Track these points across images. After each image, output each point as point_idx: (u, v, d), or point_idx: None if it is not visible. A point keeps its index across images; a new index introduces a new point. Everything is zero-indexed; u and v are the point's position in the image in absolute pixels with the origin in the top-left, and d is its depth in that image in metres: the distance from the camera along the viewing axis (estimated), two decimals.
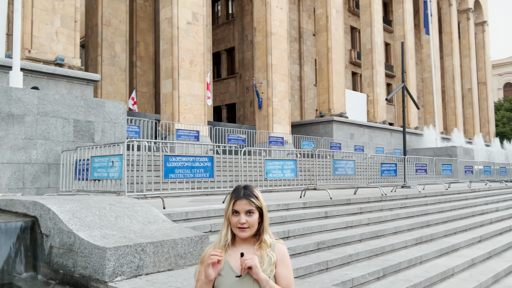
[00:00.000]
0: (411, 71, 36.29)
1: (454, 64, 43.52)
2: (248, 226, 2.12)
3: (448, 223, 9.79)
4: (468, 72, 46.17)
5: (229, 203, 2.19)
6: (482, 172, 17.38)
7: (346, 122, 27.15)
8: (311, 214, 7.79)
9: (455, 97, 42.69)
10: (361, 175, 11.08)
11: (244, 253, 2.12)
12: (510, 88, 65.48)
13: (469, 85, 45.93)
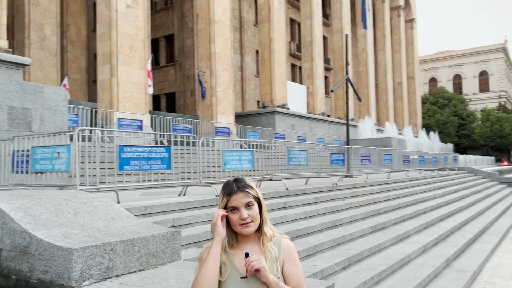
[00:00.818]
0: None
1: (386, 58, 45.63)
2: (252, 220, 1.91)
3: (396, 211, 10.17)
4: (398, 67, 48.66)
5: (222, 201, 1.96)
6: (417, 161, 18.40)
7: (288, 114, 27.44)
8: (271, 205, 7.66)
9: (387, 91, 44.87)
10: (312, 165, 11.17)
11: (249, 253, 1.89)
12: (434, 83, 70.21)
13: (400, 79, 48.46)
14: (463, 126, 55.85)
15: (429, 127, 51.69)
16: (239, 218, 1.90)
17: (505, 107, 61.09)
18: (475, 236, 9.84)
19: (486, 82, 67.11)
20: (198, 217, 6.24)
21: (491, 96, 64.94)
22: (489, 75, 66.71)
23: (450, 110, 55.59)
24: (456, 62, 69.35)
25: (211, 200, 7.08)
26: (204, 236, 5.68)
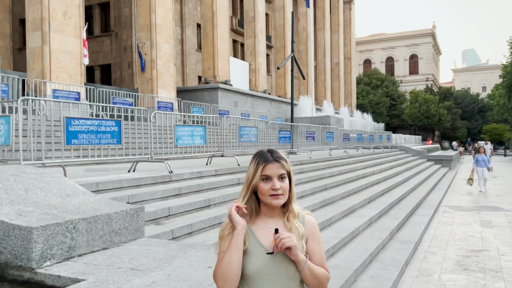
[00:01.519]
0: (288, 42, 37.66)
1: (325, 38, 46.56)
2: (282, 192, 1.82)
3: (341, 186, 10.55)
4: (336, 47, 49.91)
5: (255, 168, 1.84)
6: (355, 139, 19.18)
7: (230, 90, 27.22)
8: (226, 182, 7.61)
9: (325, 70, 45.97)
10: (262, 142, 11.21)
11: (278, 229, 1.82)
12: (369, 64, 73.12)
13: (337, 59, 49.80)
14: (394, 106, 58.96)
15: (363, 107, 53.95)
16: (270, 188, 1.81)
17: (431, 90, 65.22)
18: (412, 209, 10.49)
19: (415, 65, 71.12)
20: (153, 194, 6.03)
21: (420, 79, 69.05)
22: (419, 58, 70.73)
23: (383, 91, 58.31)
24: (389, 45, 72.58)
25: (164, 177, 6.88)
26: (162, 213, 5.51)
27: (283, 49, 37.31)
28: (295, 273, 1.82)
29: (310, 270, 1.82)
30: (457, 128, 62.49)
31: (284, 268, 1.80)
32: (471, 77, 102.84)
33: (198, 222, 5.50)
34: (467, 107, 67.97)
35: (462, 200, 13.66)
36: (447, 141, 66.62)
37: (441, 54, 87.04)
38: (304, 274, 1.82)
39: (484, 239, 8.26)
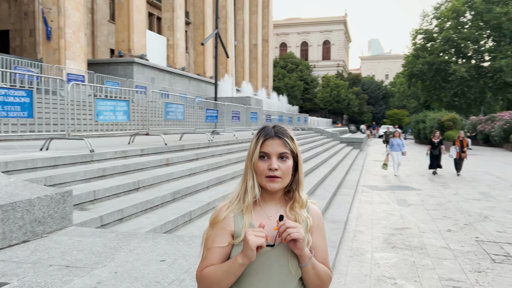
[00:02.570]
0: (208, 19, 36.78)
1: (244, 18, 46.25)
2: (280, 175, 1.51)
3: None
4: (255, 28, 49.91)
5: (255, 144, 1.54)
6: (277, 121, 19.34)
7: (147, 65, 25.85)
8: (154, 162, 7.04)
9: (244, 51, 45.81)
10: (189, 121, 10.66)
11: (283, 216, 1.49)
12: (285, 48, 74.52)
13: (255, 41, 49.89)
14: (307, 90, 61.03)
15: (279, 89, 55.00)
16: (267, 167, 1.50)
17: (342, 75, 68.58)
18: (336, 189, 10.78)
19: (328, 51, 74.06)
20: (74, 175, 5.32)
21: (332, 64, 72.15)
22: (331, 44, 73.70)
23: (297, 75, 59.95)
24: (304, 30, 74.54)
25: (85, 156, 6.13)
26: (87, 197, 4.86)
27: (202, 26, 36.32)
28: (297, 270, 1.53)
29: (314, 268, 1.55)
30: (363, 113, 66.69)
31: (285, 263, 1.52)
32: (376, 65, 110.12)
33: (130, 207, 4.95)
34: (372, 93, 72.76)
35: (376, 180, 14.44)
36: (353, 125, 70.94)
37: (351, 41, 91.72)
38: (307, 271, 1.54)
39: (404, 217, 8.72)
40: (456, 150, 15.48)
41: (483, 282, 5.03)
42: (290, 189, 1.60)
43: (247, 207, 1.53)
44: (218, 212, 1.55)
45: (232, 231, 1.51)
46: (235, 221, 1.52)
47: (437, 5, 53.15)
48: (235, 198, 1.57)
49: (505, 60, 46.07)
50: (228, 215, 1.53)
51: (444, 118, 32.34)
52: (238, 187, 1.61)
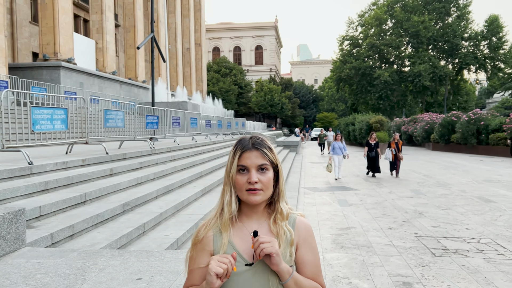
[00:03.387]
0: (139, 22, 35.81)
1: (176, 22, 45.58)
2: (261, 187, 1.46)
3: (214, 173, 10.40)
4: (187, 32, 49.38)
5: (233, 158, 1.50)
6: (216, 126, 19.25)
7: (75, 70, 24.56)
8: (97, 173, 6.70)
9: (177, 55, 45.12)
10: (129, 128, 10.27)
11: (258, 231, 1.45)
12: (218, 52, 74.50)
13: (188, 44, 49.36)
14: (242, 94, 61.52)
15: (214, 93, 54.87)
16: (246, 181, 1.45)
17: (274, 80, 70.01)
18: None
19: (260, 56, 75.22)
20: (15, 191, 4.90)
21: (264, 69, 73.38)
22: (263, 50, 74.97)
23: (231, 79, 60.22)
24: (237, 35, 75.11)
25: (24, 169, 5.69)
26: (32, 213, 4.51)
27: (133, 29, 35.25)
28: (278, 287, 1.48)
29: (297, 284, 1.49)
30: (296, 116, 68.56)
31: (265, 281, 1.47)
32: (305, 70, 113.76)
33: (80, 222, 4.66)
34: (303, 97, 75.07)
35: (316, 181, 14.90)
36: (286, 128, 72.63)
37: (282, 47, 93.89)
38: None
39: (347, 217, 9.08)
40: (393, 152, 15.57)
41: (428, 276, 5.37)
42: (272, 201, 1.55)
43: (225, 225, 1.47)
44: (197, 232, 1.52)
45: (211, 250, 1.47)
46: (214, 240, 1.47)
47: (361, 13, 56.19)
48: (214, 216, 1.52)
49: (423, 65, 49.75)
50: (206, 234, 1.48)
51: (372, 120, 34.17)
52: (217, 204, 1.55)
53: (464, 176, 16.10)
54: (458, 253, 6.28)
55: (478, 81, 59.29)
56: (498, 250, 6.37)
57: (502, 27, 50.90)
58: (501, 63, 53.06)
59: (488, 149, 27.53)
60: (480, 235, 7.33)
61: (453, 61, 53.58)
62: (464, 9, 52.25)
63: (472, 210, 9.50)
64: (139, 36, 35.13)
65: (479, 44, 52.34)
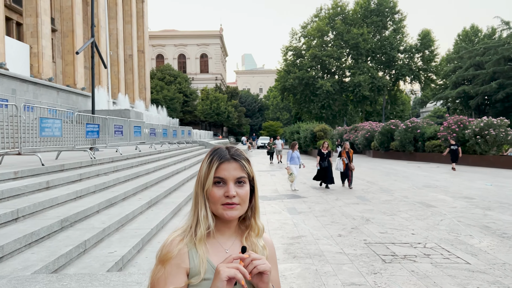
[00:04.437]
0: (78, 27, 34.31)
1: (118, 28, 44.21)
2: (239, 202, 1.36)
3: (160, 184, 9.99)
4: (129, 38, 48.04)
5: (208, 169, 1.36)
6: (161, 134, 18.69)
7: (6, 75, 22.96)
8: (32, 186, 6.13)
9: (119, 62, 43.71)
10: (67, 137, 9.59)
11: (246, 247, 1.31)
12: (162, 59, 73.08)
13: (130, 51, 48.01)
14: (187, 103, 60.71)
15: (157, 101, 53.70)
16: (223, 194, 1.33)
17: (220, 88, 69.85)
18: None
19: (206, 64, 74.78)
20: None
21: (210, 77, 72.99)
22: (209, 58, 74.62)
23: (176, 87, 59.29)
24: (181, 42, 74.19)
25: None
26: None
27: (72, 34, 33.70)
28: None
29: None
30: (242, 125, 68.71)
31: None
32: (251, 79, 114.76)
33: (11, 242, 4.17)
34: (249, 106, 75.51)
35: (264, 190, 14.82)
36: (232, 136, 72.56)
37: (227, 55, 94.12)
38: None
39: (297, 225, 9.04)
40: (344, 161, 14.93)
41: (381, 283, 5.38)
42: (246, 217, 1.45)
43: (200, 240, 1.34)
44: (169, 247, 1.33)
45: (187, 268, 1.31)
46: (190, 257, 1.31)
47: (304, 25, 57.69)
48: (188, 230, 1.37)
49: (362, 76, 51.83)
50: (182, 249, 1.31)
51: (316, 128, 34.94)
52: (189, 217, 1.41)
53: (404, 182, 16.76)
54: (406, 258, 6.39)
55: (413, 91, 62.74)
56: (443, 254, 6.56)
57: (434, 41, 54.34)
58: (433, 75, 56.58)
59: (424, 156, 29.03)
60: (425, 239, 7.54)
61: (390, 72, 56.34)
62: (399, 23, 55.22)
63: (416, 215, 9.82)
64: (78, 41, 33.63)
65: (413, 57, 55.48)
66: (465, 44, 62.00)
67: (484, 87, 52.57)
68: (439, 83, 60.75)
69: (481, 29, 64.88)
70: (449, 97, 58.45)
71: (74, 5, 33.26)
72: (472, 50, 57.15)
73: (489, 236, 7.77)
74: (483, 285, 5.19)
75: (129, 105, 37.40)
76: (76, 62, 33.42)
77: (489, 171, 21.84)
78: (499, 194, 13.16)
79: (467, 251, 6.73)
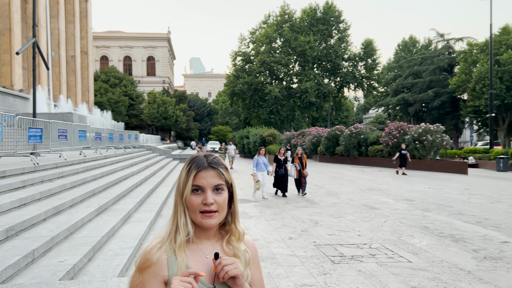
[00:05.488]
0: (16, 25, 32.53)
1: (60, 28, 42.37)
2: (217, 209, 1.39)
3: (108, 190, 9.74)
4: (72, 39, 46.19)
5: (187, 177, 1.40)
6: (107, 139, 18.12)
7: None
8: None
9: (60, 63, 41.86)
10: (7, 142, 9.09)
11: (219, 253, 1.39)
12: (106, 61, 70.77)
13: (73, 52, 46.15)
14: (133, 106, 59.21)
15: (102, 105, 51.96)
16: (201, 202, 1.36)
17: (168, 92, 68.78)
18: None
19: (153, 67, 73.34)
20: None
21: (157, 81, 71.66)
22: (156, 61, 73.25)
23: (121, 90, 57.66)
24: (127, 44, 72.32)
25: None
26: None
27: (9, 33, 31.88)
28: None
29: None
30: (191, 129, 68.04)
31: None
32: (199, 83, 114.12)
33: None
34: (198, 110, 74.98)
35: None
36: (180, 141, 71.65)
37: (175, 59, 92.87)
38: None
39: (249, 229, 9.15)
40: (297, 168, 14.21)
41: (331, 283, 5.61)
42: (226, 222, 1.49)
43: (180, 247, 1.36)
44: (148, 255, 1.35)
45: (165, 276, 1.33)
46: (169, 264, 1.33)
47: (253, 30, 58.32)
48: (167, 237, 1.39)
49: (309, 82, 53.20)
50: (160, 257, 1.33)
51: (265, 133, 35.39)
52: (168, 225, 1.44)
53: (350, 185, 17.42)
54: (354, 259, 6.69)
55: (356, 98, 65.28)
56: (387, 254, 6.94)
57: (376, 50, 56.92)
58: (375, 83, 59.21)
59: (368, 160, 30.30)
60: (370, 240, 7.93)
61: (335, 79, 58.29)
62: (344, 32, 57.33)
63: (361, 217, 10.27)
64: (15, 40, 31.86)
65: (357, 65, 57.77)
66: (404, 54, 65.56)
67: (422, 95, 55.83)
68: (380, 90, 63.71)
69: (418, 40, 68.93)
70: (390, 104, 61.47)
71: (12, 2, 31.52)
72: (410, 60, 60.55)
73: (428, 235, 8.30)
74: (424, 281, 5.57)
75: (71, 108, 35.92)
76: (14, 62, 31.64)
77: (427, 174, 23.23)
78: (436, 196, 14.05)
79: (409, 250, 7.15)
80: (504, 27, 49.57)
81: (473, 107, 48.05)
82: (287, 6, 57.21)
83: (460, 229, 8.94)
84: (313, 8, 56.73)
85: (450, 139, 27.25)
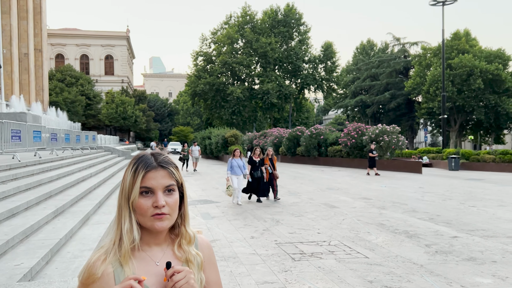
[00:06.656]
0: None
1: (12, 24, 40.62)
2: (168, 211, 1.29)
3: (65, 192, 9.49)
4: (25, 36, 44.38)
5: (133, 178, 1.29)
6: (63, 139, 17.56)
7: None
8: None
9: (12, 61, 40.13)
10: None
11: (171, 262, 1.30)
12: (62, 60, 68.33)
13: (26, 50, 44.35)
14: (90, 106, 57.52)
15: (57, 104, 50.17)
16: (152, 205, 1.27)
17: (127, 92, 67.28)
18: None
19: (111, 66, 71.53)
20: None
21: (116, 80, 69.95)
22: (114, 60, 71.49)
23: (78, 89, 55.90)
24: (84, 42, 70.18)
25: None
26: None
27: None
28: None
29: None
30: (151, 130, 66.90)
31: None
32: (159, 82, 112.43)
33: None
34: (158, 110, 73.85)
35: None
36: (140, 142, 70.34)
37: (134, 58, 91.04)
38: None
39: (211, 229, 9.18)
40: (268, 170, 13.28)
41: (291, 280, 5.75)
42: (175, 225, 1.38)
43: (125, 256, 1.24)
44: (91, 269, 1.22)
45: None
46: (115, 277, 1.22)
47: (214, 31, 58.15)
48: (111, 247, 1.27)
49: (271, 84, 53.68)
50: (106, 270, 1.22)
51: (227, 134, 35.40)
52: (111, 232, 1.31)
53: (310, 185, 17.77)
54: (313, 256, 6.88)
55: (316, 99, 66.48)
56: (345, 251, 7.18)
57: (335, 53, 58.22)
58: (334, 85, 60.54)
59: (327, 160, 30.98)
60: (329, 238, 8.17)
61: (296, 81, 59.13)
62: (304, 34, 58.26)
63: (321, 216, 10.54)
64: None
65: (317, 67, 58.86)
66: (362, 57, 67.48)
67: (379, 97, 57.72)
68: (340, 92, 65.29)
69: (376, 43, 71.13)
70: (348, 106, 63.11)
71: None
72: (368, 63, 62.44)
73: (384, 232, 8.64)
74: (379, 275, 5.82)
75: (25, 107, 34.46)
76: None
77: (384, 173, 24.05)
78: (392, 195, 14.61)
79: (366, 247, 7.43)
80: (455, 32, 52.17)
81: (427, 109, 50.21)
82: (248, 7, 57.49)
83: (414, 225, 9.36)
84: (274, 10, 57.31)
85: (405, 140, 28.34)
